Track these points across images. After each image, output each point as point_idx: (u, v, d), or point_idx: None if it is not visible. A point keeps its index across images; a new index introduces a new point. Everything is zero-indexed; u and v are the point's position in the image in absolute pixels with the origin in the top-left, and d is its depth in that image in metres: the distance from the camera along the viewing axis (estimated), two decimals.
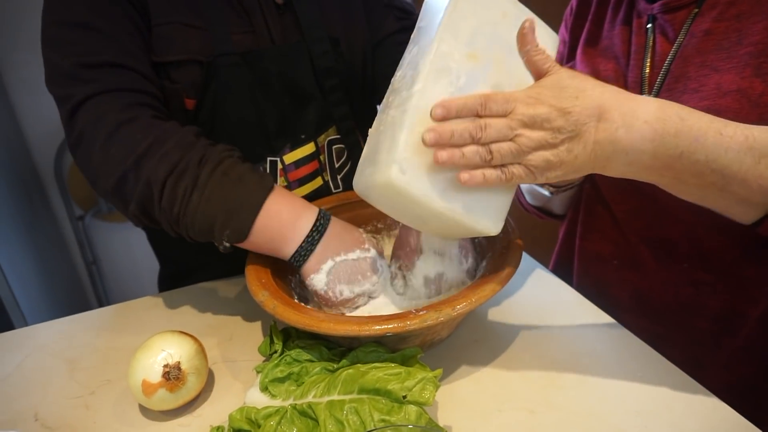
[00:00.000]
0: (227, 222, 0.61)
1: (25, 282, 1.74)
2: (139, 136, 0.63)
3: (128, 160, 0.62)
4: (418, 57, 0.55)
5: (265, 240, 0.63)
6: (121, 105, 0.65)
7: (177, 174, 0.62)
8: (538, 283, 0.79)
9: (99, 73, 0.65)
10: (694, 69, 0.66)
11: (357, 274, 0.63)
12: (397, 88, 0.57)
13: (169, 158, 0.62)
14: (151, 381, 0.57)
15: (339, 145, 0.83)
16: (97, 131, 0.64)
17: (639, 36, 0.73)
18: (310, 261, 0.63)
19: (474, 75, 0.54)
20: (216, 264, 0.80)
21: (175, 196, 0.62)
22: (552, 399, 0.58)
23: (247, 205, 0.62)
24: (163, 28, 0.70)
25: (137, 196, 0.63)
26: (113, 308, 0.81)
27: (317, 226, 0.64)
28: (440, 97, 0.53)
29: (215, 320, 0.76)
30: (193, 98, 0.72)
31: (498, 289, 0.58)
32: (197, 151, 0.63)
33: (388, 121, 0.56)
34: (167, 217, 0.63)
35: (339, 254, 0.63)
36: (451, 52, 0.54)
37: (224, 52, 0.71)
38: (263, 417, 0.53)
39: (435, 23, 0.55)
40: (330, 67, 0.79)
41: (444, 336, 0.66)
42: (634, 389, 0.59)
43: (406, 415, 0.49)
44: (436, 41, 0.53)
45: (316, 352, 0.60)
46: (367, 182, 0.57)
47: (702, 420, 0.54)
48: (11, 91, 1.90)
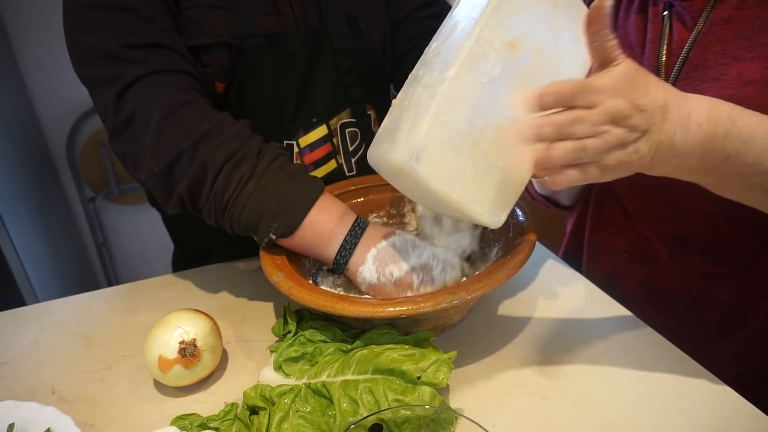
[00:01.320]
0: (278, 214, 0.62)
1: (37, 262, 1.76)
2: (197, 119, 0.63)
3: (186, 141, 0.62)
4: (457, 37, 0.53)
5: (311, 235, 0.63)
6: (178, 86, 0.65)
7: (236, 160, 0.62)
8: (549, 271, 0.79)
9: (146, 54, 0.65)
10: (713, 57, 0.65)
11: (400, 252, 0.62)
12: (430, 61, 0.55)
13: (229, 144, 0.62)
14: (167, 357, 0.58)
15: (353, 129, 0.84)
16: (151, 112, 0.63)
17: (655, 24, 0.72)
18: (355, 254, 0.63)
19: (509, 67, 0.53)
20: (230, 246, 0.81)
21: (230, 182, 0.62)
22: (563, 385, 0.59)
23: (300, 199, 0.63)
24: (191, 11, 0.70)
25: (189, 177, 0.63)
26: (128, 286, 0.82)
27: (359, 223, 0.65)
28: (470, 87, 0.51)
29: (229, 300, 0.77)
30: (222, 81, 0.72)
31: (511, 275, 0.58)
32: (257, 143, 0.64)
33: (414, 99, 0.54)
34: (215, 203, 0.63)
35: (380, 241, 0.63)
36: (492, 39, 0.51)
37: (250, 34, 0.71)
38: (277, 395, 0.54)
39: (481, 6, 0.52)
40: (348, 47, 0.79)
41: (456, 321, 0.66)
42: (645, 377, 0.59)
43: (420, 396, 0.49)
44: (480, 25, 0.51)
45: (330, 333, 0.60)
46: (381, 157, 0.57)
47: (713, 408, 0.55)
48: (25, 73, 1.91)
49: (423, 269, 0.62)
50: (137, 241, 2.26)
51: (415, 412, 0.47)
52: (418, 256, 0.63)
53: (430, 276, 0.62)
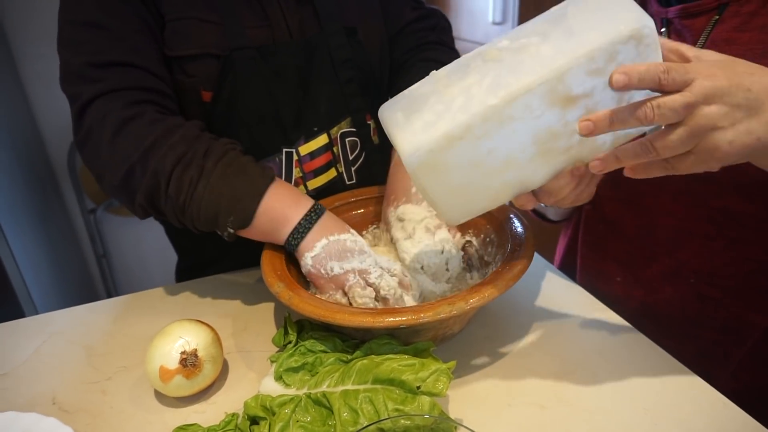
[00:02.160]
0: (231, 208, 0.65)
1: (37, 272, 1.76)
2: (144, 131, 0.67)
3: (135, 154, 0.66)
4: (528, 61, 0.48)
5: (266, 223, 0.66)
6: (125, 103, 0.68)
7: (183, 165, 0.65)
8: (548, 282, 0.80)
9: (106, 73, 0.68)
10: None
11: (347, 252, 0.65)
12: (487, 62, 0.51)
13: (175, 150, 0.65)
14: (169, 367, 0.58)
15: (353, 138, 0.85)
16: (103, 129, 0.67)
17: None
18: (306, 239, 0.65)
19: (552, 118, 0.50)
20: (233, 256, 0.82)
21: (182, 186, 0.65)
22: (562, 395, 0.59)
23: (250, 192, 0.65)
24: (177, 23, 0.71)
25: (144, 187, 0.66)
26: (129, 297, 0.83)
27: (314, 209, 0.67)
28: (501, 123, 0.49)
29: (229, 311, 0.77)
30: (209, 91, 0.74)
31: (510, 286, 0.59)
32: (202, 144, 0.67)
33: (449, 93, 0.51)
34: (173, 207, 0.67)
35: (333, 234, 0.66)
36: (557, 89, 0.48)
37: (240, 47, 0.73)
38: (278, 405, 0.54)
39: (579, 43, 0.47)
40: (348, 58, 0.81)
41: (456, 331, 0.67)
42: (644, 387, 0.59)
43: (420, 406, 0.49)
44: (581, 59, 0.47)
45: (330, 344, 0.61)
46: (389, 124, 0.55)
47: (711, 419, 0.55)
48: (27, 85, 1.93)
49: (360, 272, 0.64)
50: (137, 253, 2.27)
51: (414, 422, 0.47)
52: (361, 261, 0.65)
53: (364, 279, 0.64)
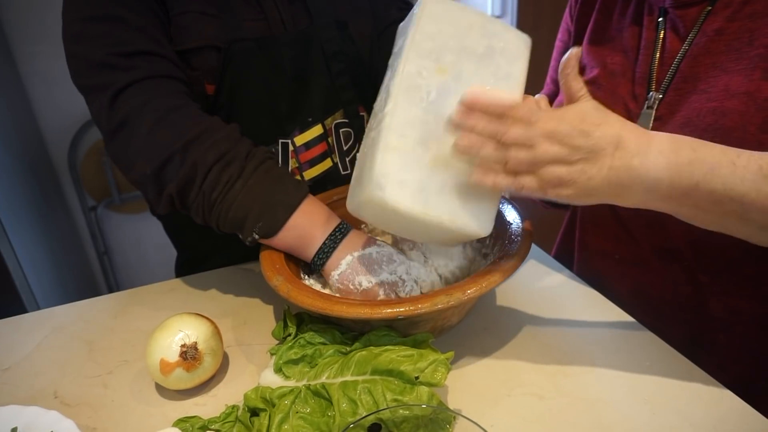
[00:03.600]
0: (262, 215, 0.65)
1: (38, 270, 1.77)
2: (189, 121, 0.66)
3: (178, 143, 0.65)
4: (390, 80, 0.58)
5: (292, 237, 0.66)
6: (168, 90, 0.68)
7: (225, 162, 0.65)
8: (546, 273, 0.80)
9: (136, 61, 0.67)
10: (704, 70, 0.65)
11: (374, 265, 0.64)
12: (376, 111, 0.61)
13: (218, 146, 0.65)
14: (169, 360, 0.58)
15: (346, 129, 0.85)
16: (143, 116, 0.66)
17: (649, 30, 0.72)
18: (331, 258, 0.65)
19: (445, 88, 0.57)
20: (231, 249, 0.82)
21: (218, 182, 0.65)
22: (560, 385, 0.59)
23: (284, 202, 0.65)
24: (180, 17, 0.72)
25: (180, 177, 0.65)
26: (130, 292, 0.83)
27: (340, 228, 0.67)
28: (411, 114, 0.56)
29: (229, 305, 0.78)
30: (212, 83, 0.74)
31: (507, 276, 0.59)
32: (245, 146, 0.67)
33: (369, 144, 0.59)
34: (203, 202, 0.66)
35: (357, 249, 0.65)
36: (419, 71, 0.56)
37: (238, 38, 0.73)
38: (277, 396, 0.55)
39: (404, 46, 0.58)
40: (338, 51, 0.81)
41: (454, 322, 0.67)
42: (642, 377, 0.60)
43: (418, 396, 0.50)
44: (402, 63, 0.56)
45: (329, 336, 0.61)
46: (355, 202, 0.60)
47: (709, 408, 0.55)
48: (27, 83, 1.93)
49: (390, 286, 0.64)
50: (138, 250, 2.27)
51: (413, 412, 0.47)
52: (391, 272, 0.64)
53: (395, 293, 0.64)
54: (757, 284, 0.68)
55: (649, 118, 0.69)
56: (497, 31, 0.59)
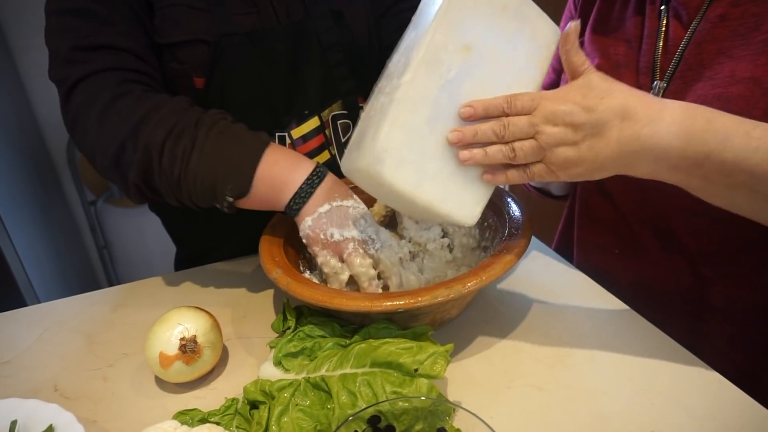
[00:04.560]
0: (229, 176, 0.63)
1: (38, 264, 1.77)
2: (133, 105, 0.65)
3: (125, 130, 0.64)
4: (413, 44, 0.55)
5: (266, 189, 0.64)
6: (115, 82, 0.67)
7: (175, 136, 0.63)
8: (546, 265, 0.80)
9: (93, 55, 0.67)
10: (708, 57, 0.65)
11: (348, 219, 0.63)
12: (390, 73, 0.58)
13: (165, 122, 0.64)
14: (168, 353, 0.58)
15: (344, 120, 0.85)
16: (92, 107, 0.66)
17: (652, 19, 0.72)
18: (308, 204, 0.64)
19: (465, 68, 0.55)
20: (230, 243, 0.82)
21: (175, 158, 0.63)
22: (560, 377, 0.59)
23: (246, 157, 0.63)
24: (167, 10, 0.71)
25: (137, 164, 0.64)
26: (130, 285, 0.83)
27: (317, 172, 0.65)
28: (427, 90, 0.54)
29: (229, 298, 0.78)
30: (201, 77, 0.74)
31: (507, 269, 0.59)
32: (192, 115, 0.65)
33: (377, 108, 0.56)
34: (168, 181, 0.65)
35: (335, 199, 0.64)
36: (445, 43, 0.54)
37: (228, 33, 0.73)
38: (277, 389, 0.55)
39: (433, 9, 0.55)
40: (335, 41, 0.81)
41: (454, 315, 0.67)
42: (641, 367, 0.60)
43: (418, 388, 0.50)
44: (431, 31, 0.53)
45: (329, 329, 0.61)
46: (351, 166, 0.58)
47: (707, 398, 0.55)
48: (24, 77, 1.92)
49: (360, 243, 0.63)
50: (138, 244, 2.27)
51: (412, 404, 0.47)
52: (362, 230, 0.64)
53: (363, 250, 0.63)
54: (758, 274, 0.68)
55: None
56: (531, 16, 0.57)
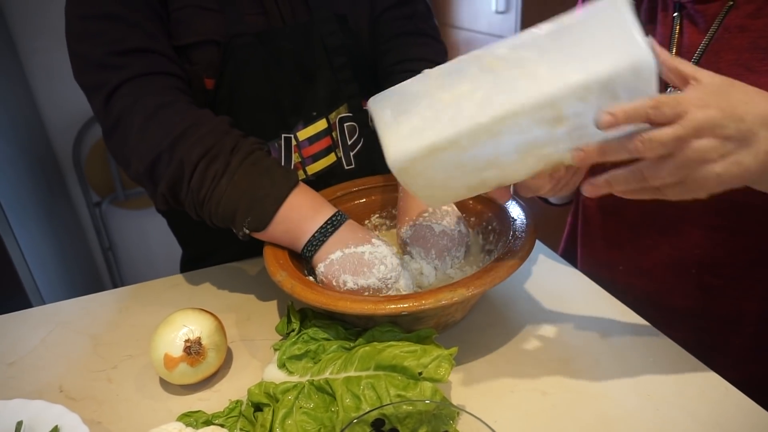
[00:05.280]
0: (250, 209, 0.64)
1: (44, 265, 1.78)
2: (176, 118, 0.66)
3: (165, 142, 0.65)
4: (521, 78, 0.47)
5: (282, 230, 0.65)
6: (158, 88, 0.68)
7: (209, 158, 0.64)
8: (550, 270, 0.80)
9: (129, 59, 0.68)
10: (726, 66, 0.63)
11: (363, 267, 0.63)
12: (483, 68, 0.49)
13: (203, 142, 0.65)
14: (173, 355, 0.59)
15: (351, 123, 0.85)
16: (135, 114, 0.67)
17: (664, 26, 0.70)
18: (320, 251, 0.64)
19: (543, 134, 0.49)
20: (235, 245, 0.82)
21: (205, 179, 0.64)
22: (564, 381, 0.59)
23: (271, 195, 0.64)
24: (180, 12, 0.72)
25: (169, 177, 0.66)
26: (135, 287, 0.83)
27: (332, 221, 0.65)
28: (490, 140, 0.49)
29: (233, 300, 0.78)
30: (212, 78, 0.74)
31: (511, 273, 0.59)
32: (231, 140, 0.66)
33: (438, 98, 0.50)
34: (193, 199, 0.66)
35: (348, 246, 0.64)
36: (548, 115, 0.47)
37: (239, 33, 0.74)
38: (281, 392, 0.55)
39: (585, 66, 0.45)
40: (339, 45, 0.81)
41: (458, 318, 0.67)
42: (646, 372, 0.60)
43: (422, 391, 0.50)
44: (552, 99, 0.46)
45: (333, 331, 0.61)
46: (379, 122, 0.54)
47: (712, 404, 0.55)
48: (31, 79, 1.94)
49: (376, 291, 0.62)
50: (143, 245, 2.28)
51: (416, 407, 0.47)
52: (380, 278, 0.62)
53: (384, 291, 0.63)
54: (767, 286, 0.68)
55: None
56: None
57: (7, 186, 1.65)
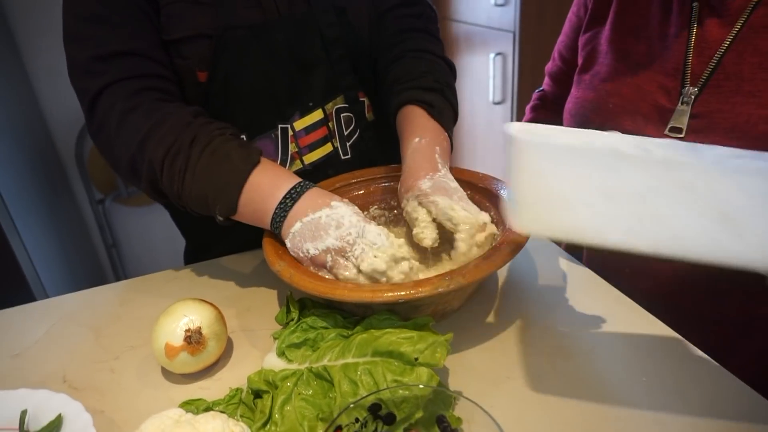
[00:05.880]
0: (217, 198, 0.66)
1: (48, 263, 1.79)
2: (140, 122, 0.69)
3: (134, 145, 0.69)
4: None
5: (251, 212, 0.67)
6: (126, 94, 0.70)
7: (172, 155, 0.67)
8: (549, 259, 0.80)
9: (109, 65, 0.70)
10: (749, 69, 0.59)
11: (320, 231, 0.62)
12: (688, 188, 0.44)
13: (165, 140, 0.68)
14: (174, 344, 0.59)
15: (347, 114, 0.86)
16: (110, 120, 0.70)
17: (682, 16, 0.65)
18: (284, 226, 0.64)
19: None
20: (235, 234, 0.82)
21: (173, 176, 0.67)
22: (560, 367, 0.60)
23: (232, 180, 0.66)
24: (171, 6, 0.73)
25: (145, 176, 0.70)
26: (136, 280, 0.84)
27: (291, 194, 0.64)
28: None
29: (234, 292, 0.79)
30: (204, 71, 0.75)
31: (507, 261, 0.59)
32: (190, 132, 0.68)
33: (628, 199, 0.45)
34: (170, 194, 0.69)
35: (307, 214, 0.63)
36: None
37: (231, 26, 0.74)
38: (280, 379, 0.56)
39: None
40: (337, 37, 0.82)
41: (455, 307, 0.68)
42: (640, 358, 0.60)
43: (418, 377, 0.50)
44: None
45: (331, 320, 0.62)
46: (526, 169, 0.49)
47: (705, 387, 0.56)
48: (33, 78, 1.95)
49: (337, 251, 0.61)
50: (146, 242, 2.29)
51: (413, 392, 0.48)
52: (337, 237, 0.61)
53: (343, 257, 0.61)
54: None
55: (685, 115, 0.65)
56: None
57: (11, 184, 1.67)
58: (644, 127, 0.69)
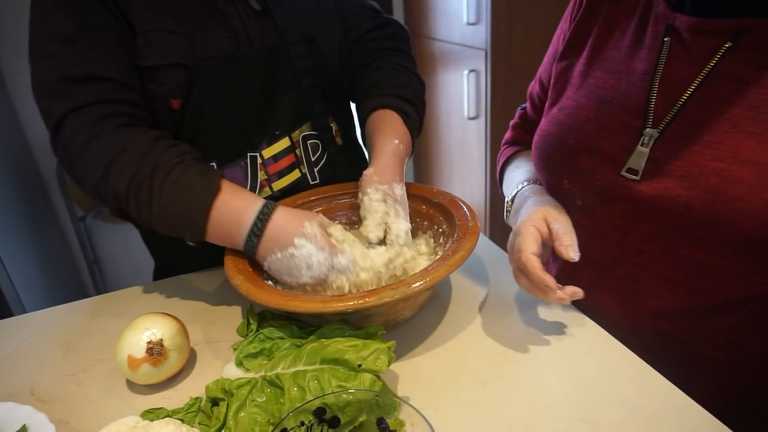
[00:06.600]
0: (184, 228, 0.70)
1: (28, 281, 1.80)
2: (102, 150, 0.70)
3: (96, 174, 0.70)
4: None
5: (222, 236, 0.71)
6: (91, 119, 0.71)
7: (135, 188, 0.69)
8: (500, 269, 0.84)
9: (77, 88, 0.71)
10: (712, 117, 0.56)
11: (293, 270, 0.67)
12: None
13: (126, 171, 0.69)
14: (136, 356, 0.62)
15: (314, 141, 0.89)
16: (73, 145, 0.71)
17: (652, 51, 0.62)
18: (257, 253, 0.69)
19: None
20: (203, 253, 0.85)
21: (139, 207, 0.70)
22: (503, 372, 0.64)
23: (196, 210, 0.68)
24: (148, 34, 0.74)
25: (111, 203, 0.72)
26: (107, 296, 0.87)
27: (253, 230, 0.68)
28: None
29: (201, 306, 0.82)
30: (178, 99, 0.77)
31: (451, 271, 0.63)
32: (149, 162, 0.69)
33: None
34: (139, 221, 0.72)
35: (275, 253, 0.67)
36: None
37: (206, 57, 0.77)
38: (236, 387, 0.59)
39: None
40: (308, 66, 0.85)
41: (407, 316, 0.71)
42: (579, 363, 0.64)
43: (361, 382, 0.54)
44: None
45: (287, 331, 0.65)
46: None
47: (639, 390, 0.59)
48: (14, 95, 1.97)
49: (314, 285, 0.67)
50: (127, 259, 2.30)
51: (356, 397, 0.51)
52: (311, 277, 0.66)
53: (323, 287, 0.68)
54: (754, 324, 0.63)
55: (643, 158, 0.62)
56: None
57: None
58: (602, 165, 0.66)
